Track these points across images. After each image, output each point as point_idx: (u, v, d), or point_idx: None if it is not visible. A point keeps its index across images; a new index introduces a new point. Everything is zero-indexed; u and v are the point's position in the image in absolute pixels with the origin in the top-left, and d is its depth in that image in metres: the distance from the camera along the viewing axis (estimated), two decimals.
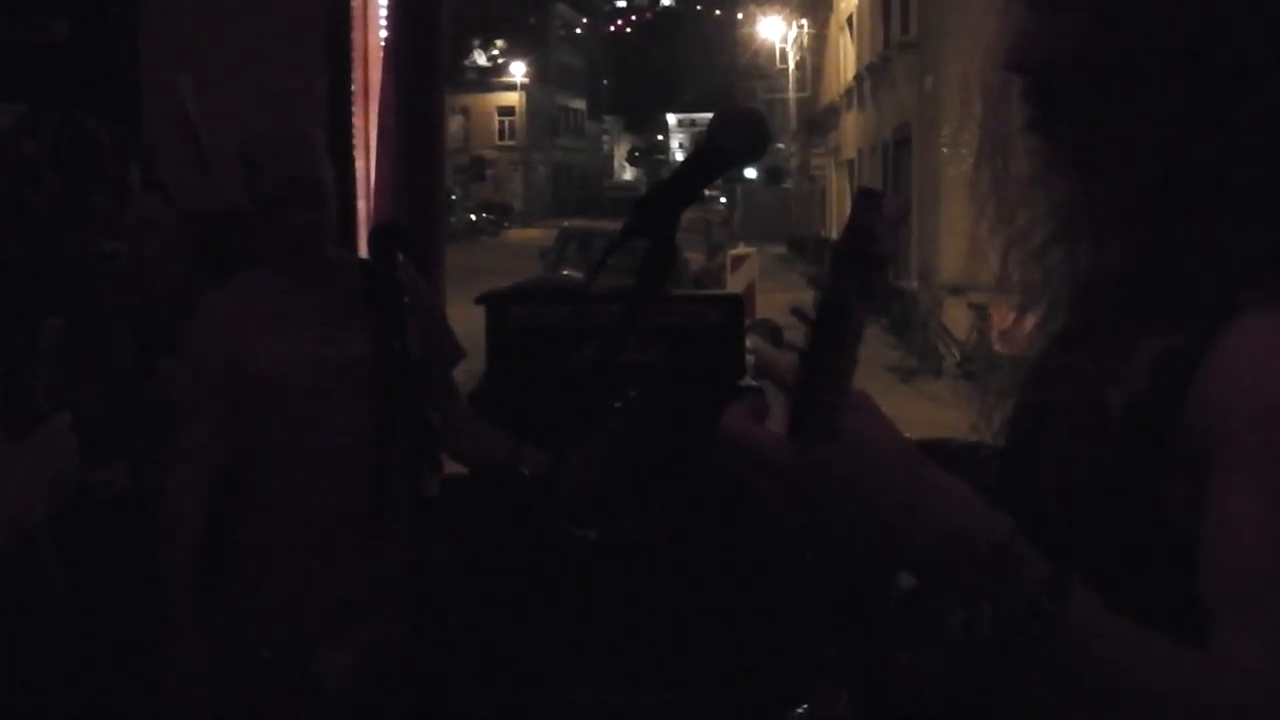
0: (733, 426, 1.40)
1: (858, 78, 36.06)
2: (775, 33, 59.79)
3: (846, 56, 39.63)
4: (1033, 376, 1.63)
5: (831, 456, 1.32)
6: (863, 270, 1.36)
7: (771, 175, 60.00)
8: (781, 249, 44.93)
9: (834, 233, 38.35)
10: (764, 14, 60.61)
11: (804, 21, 52.29)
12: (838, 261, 1.37)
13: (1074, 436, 1.51)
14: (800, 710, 2.61)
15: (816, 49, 50.05)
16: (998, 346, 1.69)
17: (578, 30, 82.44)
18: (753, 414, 1.39)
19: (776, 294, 21.84)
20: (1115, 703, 1.31)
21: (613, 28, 79.11)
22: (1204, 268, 1.44)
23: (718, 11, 70.84)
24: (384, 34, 5.06)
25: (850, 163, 38.00)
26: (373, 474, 3.28)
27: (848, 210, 1.38)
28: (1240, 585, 1.34)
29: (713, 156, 1.72)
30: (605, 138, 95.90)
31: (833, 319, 1.34)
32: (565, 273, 25.04)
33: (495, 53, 72.89)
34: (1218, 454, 1.38)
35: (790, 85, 57.74)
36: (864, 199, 1.38)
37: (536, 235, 45.93)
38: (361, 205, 4.91)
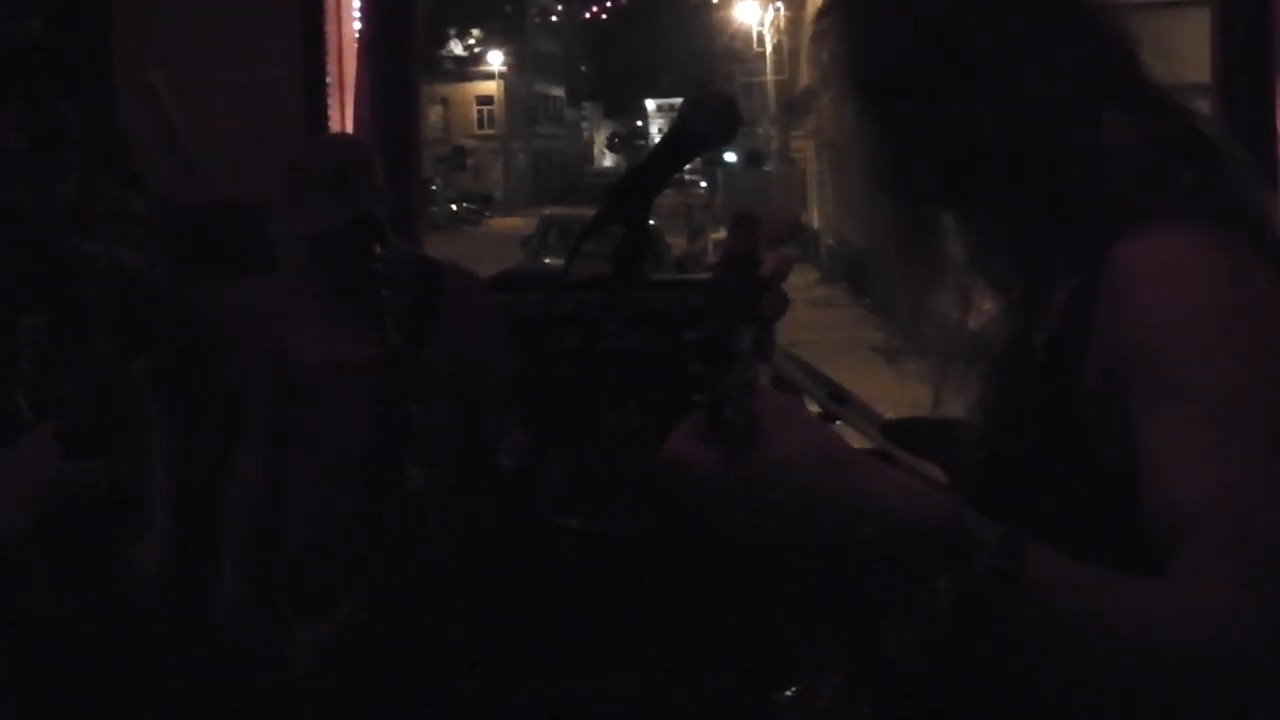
0: (674, 451, 1.40)
1: None
2: (751, 16, 59.68)
3: None
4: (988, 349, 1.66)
5: (766, 474, 1.33)
6: (747, 297, 1.37)
7: (752, 158, 59.89)
8: None
9: (815, 216, 38.35)
10: None
11: (779, 4, 52.19)
12: (718, 294, 1.38)
13: (1009, 385, 1.56)
14: (791, 692, 2.61)
15: (793, 31, 49.94)
16: (973, 324, 1.71)
17: (554, 18, 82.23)
18: (694, 434, 1.39)
19: None
20: (1081, 647, 1.32)
21: (589, 14, 78.86)
22: (1067, 223, 1.50)
23: None
24: (358, 26, 5.05)
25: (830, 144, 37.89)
26: (370, 472, 3.30)
27: (829, 193, 1.39)
28: (1174, 520, 1.36)
29: (685, 140, 1.72)
30: (584, 124, 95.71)
31: (720, 351, 1.35)
32: (547, 261, 25.06)
33: (472, 42, 72.68)
34: (1130, 386, 1.40)
35: (768, 68, 57.65)
36: (739, 225, 1.40)
37: (518, 224, 45.86)
38: None
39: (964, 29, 1.53)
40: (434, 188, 52.12)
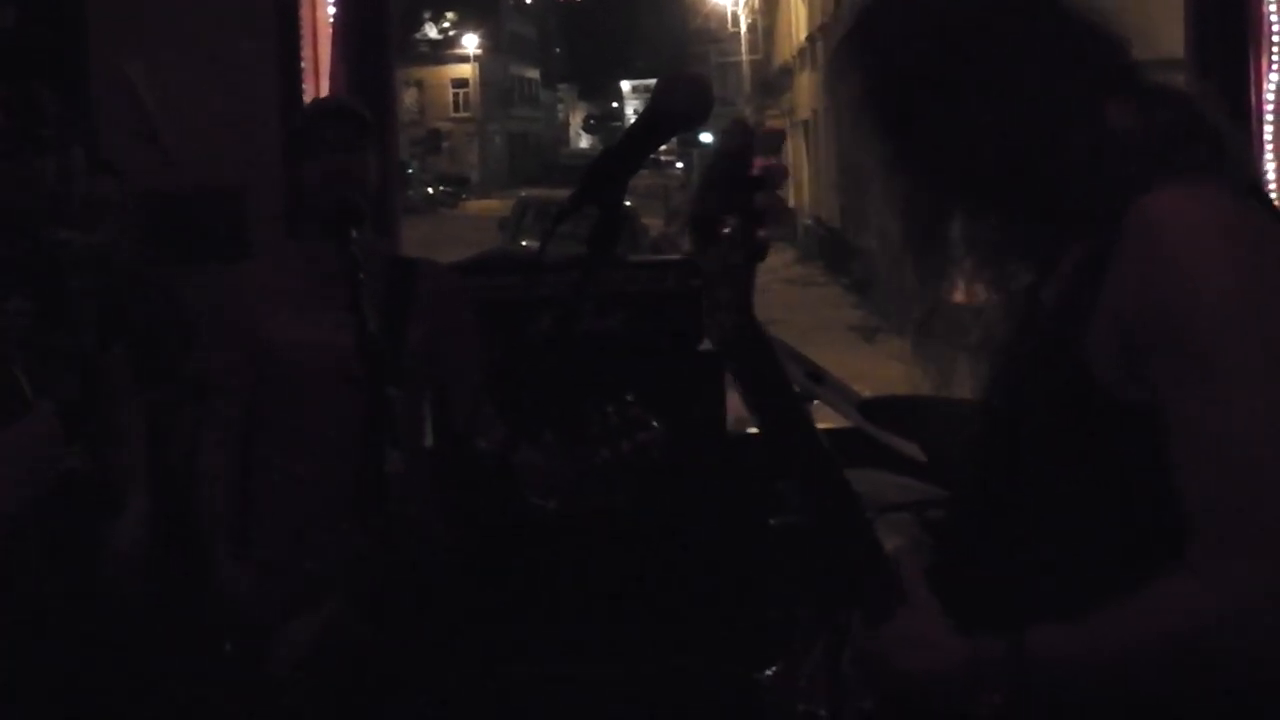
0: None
1: (810, 39, 35.96)
2: None
3: (798, 18, 39.52)
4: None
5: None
6: (737, 186, 1.46)
7: None
8: None
9: (792, 196, 38.35)
10: None
11: None
12: (711, 180, 1.48)
13: (1015, 365, 1.60)
14: (770, 672, 2.62)
15: (767, 11, 49.92)
16: (960, 300, 1.72)
17: (528, 0, 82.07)
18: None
19: None
20: (1130, 676, 1.43)
21: None
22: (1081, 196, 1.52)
23: None
24: (332, 10, 5.04)
25: (805, 123, 37.96)
26: (355, 460, 3.30)
27: (805, 172, 1.43)
28: (1194, 497, 1.41)
29: (659, 121, 1.72)
30: (560, 106, 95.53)
31: (708, 230, 1.55)
32: (524, 243, 25.06)
33: (446, 25, 72.49)
34: (1151, 349, 1.43)
35: (743, 48, 57.64)
36: (733, 128, 1.51)
37: (495, 206, 45.79)
38: None
39: (962, 24, 1.56)
40: (410, 171, 52.15)
